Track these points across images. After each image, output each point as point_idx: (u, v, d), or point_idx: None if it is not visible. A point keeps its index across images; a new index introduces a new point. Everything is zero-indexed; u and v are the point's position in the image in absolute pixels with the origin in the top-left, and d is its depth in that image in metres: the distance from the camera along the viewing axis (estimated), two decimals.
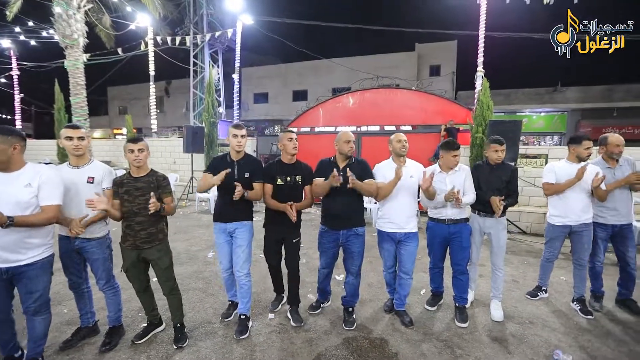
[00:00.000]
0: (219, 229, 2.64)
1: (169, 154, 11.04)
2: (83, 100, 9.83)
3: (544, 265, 3.25)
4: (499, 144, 2.80)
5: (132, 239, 2.29)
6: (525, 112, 17.87)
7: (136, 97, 27.08)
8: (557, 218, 3.01)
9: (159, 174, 2.40)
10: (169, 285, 2.45)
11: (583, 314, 2.90)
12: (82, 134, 2.27)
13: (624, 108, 16.42)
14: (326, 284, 2.97)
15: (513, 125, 5.39)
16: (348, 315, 2.78)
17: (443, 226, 2.80)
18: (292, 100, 22.99)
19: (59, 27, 9.31)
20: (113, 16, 11.31)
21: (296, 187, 2.68)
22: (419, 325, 2.75)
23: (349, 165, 2.62)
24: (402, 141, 2.70)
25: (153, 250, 2.33)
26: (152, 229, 2.32)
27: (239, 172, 2.55)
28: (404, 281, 2.77)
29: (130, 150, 2.25)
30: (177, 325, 2.49)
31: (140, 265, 2.39)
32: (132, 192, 2.26)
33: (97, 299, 2.60)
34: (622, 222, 2.92)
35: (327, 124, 8.67)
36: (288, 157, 2.68)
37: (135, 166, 2.28)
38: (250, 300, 2.67)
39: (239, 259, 2.59)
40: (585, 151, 2.89)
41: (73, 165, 2.29)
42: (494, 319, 2.83)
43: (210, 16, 14.93)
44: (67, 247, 2.29)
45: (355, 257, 2.71)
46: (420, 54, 20.24)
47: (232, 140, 2.55)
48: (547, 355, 2.36)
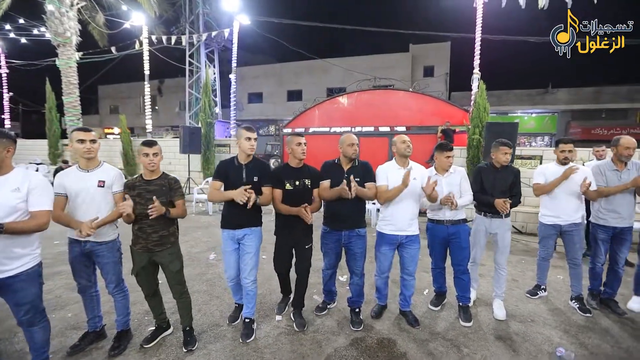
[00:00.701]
0: (227, 236, 2.58)
1: (164, 155, 10.90)
2: (76, 100, 9.69)
3: (541, 264, 3.32)
4: (508, 146, 2.87)
5: (143, 242, 2.28)
6: (517, 113, 18.21)
7: (128, 96, 26.73)
8: (547, 217, 3.10)
9: (171, 176, 2.39)
10: (179, 289, 2.44)
11: (582, 312, 2.98)
12: (94, 136, 2.25)
13: (612, 109, 16.86)
14: (331, 285, 3.00)
15: (509, 127, 5.51)
16: (355, 316, 2.81)
17: (442, 227, 2.86)
18: (287, 100, 22.98)
19: (51, 24, 9.15)
20: (107, 14, 11.15)
21: (306, 191, 2.65)
22: (424, 325, 2.80)
23: (352, 167, 2.66)
24: (407, 142, 2.72)
25: (164, 253, 2.32)
26: (164, 232, 2.31)
27: (247, 176, 2.51)
28: (408, 282, 2.81)
29: (145, 154, 2.24)
30: (186, 328, 2.48)
31: (150, 268, 2.38)
32: (144, 195, 2.25)
33: (103, 301, 2.58)
34: (623, 225, 2.96)
35: (323, 124, 8.71)
36: (296, 162, 2.66)
37: (149, 170, 2.27)
38: (255, 304, 2.66)
39: (247, 266, 2.55)
40: (561, 154, 2.97)
41: (83, 169, 2.26)
42: (497, 318, 2.89)
43: (206, 16, 14.81)
44: (77, 251, 2.26)
45: (358, 258, 2.73)
46: (414, 55, 20.44)
47: (245, 144, 2.50)
48: (550, 353, 2.42)
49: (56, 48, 9.47)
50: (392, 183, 2.67)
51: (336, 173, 2.65)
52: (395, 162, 2.77)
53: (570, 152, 2.96)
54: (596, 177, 3.00)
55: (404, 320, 2.83)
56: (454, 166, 2.88)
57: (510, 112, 18.11)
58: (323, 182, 2.67)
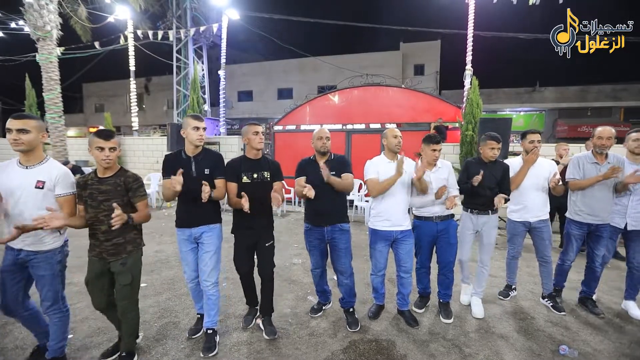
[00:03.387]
0: (183, 236, 2.34)
1: (152, 153, 10.61)
2: (57, 96, 9.28)
3: (510, 263, 3.17)
4: (496, 141, 2.75)
5: (97, 249, 2.00)
6: (506, 111, 18.42)
7: (114, 94, 26.01)
8: (516, 214, 2.97)
9: (130, 173, 2.05)
10: (125, 305, 2.09)
11: (555, 310, 2.89)
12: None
13: (597, 108, 17.22)
14: (323, 284, 2.87)
15: (503, 123, 5.48)
16: (350, 317, 2.70)
17: (431, 224, 2.74)
18: (277, 98, 22.74)
19: (30, 17, 8.74)
20: (89, 8, 10.72)
21: (264, 185, 2.44)
22: (423, 325, 2.71)
23: (327, 161, 2.55)
24: (399, 137, 2.61)
25: (117, 263, 2.02)
26: (119, 239, 2.00)
27: (197, 169, 2.28)
28: (405, 280, 2.70)
29: (99, 148, 1.90)
30: (122, 354, 2.13)
31: (104, 278, 2.06)
32: (95, 196, 1.93)
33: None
34: (598, 222, 2.83)
35: (314, 122, 8.57)
36: (254, 152, 2.46)
37: (103, 166, 1.96)
38: (218, 312, 2.43)
39: (206, 266, 2.31)
40: (530, 144, 2.86)
41: (22, 164, 1.90)
42: (475, 317, 2.81)
43: (194, 10, 14.45)
44: (9, 260, 1.92)
45: (343, 255, 2.61)
46: (405, 53, 20.48)
47: (192, 134, 2.24)
48: (553, 350, 2.36)
49: (36, 42, 9.03)
50: (383, 176, 2.58)
51: (311, 169, 2.55)
52: (385, 155, 2.67)
53: (539, 142, 2.86)
54: (573, 169, 2.89)
55: (402, 321, 2.74)
56: (441, 160, 2.76)
57: (499, 110, 18.31)
58: (298, 179, 2.54)
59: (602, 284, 3.20)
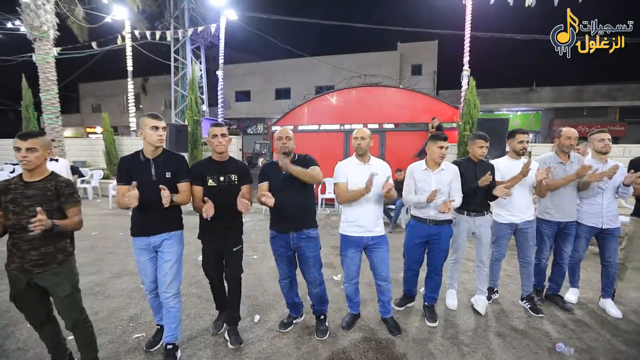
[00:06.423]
0: (140, 245, 2.16)
1: None
2: (54, 97, 9.26)
3: (493, 265, 3.12)
4: (484, 140, 2.77)
5: (19, 261, 1.79)
6: (503, 111, 18.53)
7: (110, 95, 25.94)
8: (502, 217, 2.93)
9: (62, 178, 1.90)
10: (72, 317, 1.93)
11: (533, 312, 2.88)
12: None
13: (593, 107, 17.36)
14: (293, 296, 2.67)
15: (500, 123, 5.53)
16: (320, 324, 2.58)
17: (424, 226, 2.68)
18: (275, 98, 22.76)
19: (27, 17, 8.71)
20: (87, 8, 10.69)
21: (231, 188, 2.29)
22: (422, 324, 2.74)
23: (291, 162, 2.38)
24: (359, 138, 2.48)
25: (48, 274, 1.82)
26: (48, 248, 1.82)
27: (157, 172, 2.12)
28: (384, 287, 2.59)
29: (17, 149, 1.75)
30: None
31: (34, 293, 1.87)
32: (20, 201, 1.76)
33: None
34: (567, 220, 2.89)
35: (312, 122, 8.59)
36: (218, 155, 2.32)
37: (26, 169, 1.80)
38: (179, 324, 2.26)
39: (166, 276, 2.15)
40: (519, 145, 2.83)
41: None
42: (479, 312, 2.87)
43: (192, 10, 14.44)
44: None
45: (311, 264, 2.45)
46: (402, 54, 20.56)
47: (151, 134, 2.08)
48: (550, 348, 2.40)
49: (32, 43, 9.02)
50: (352, 180, 2.48)
51: (273, 172, 2.41)
52: (355, 157, 2.58)
53: (528, 143, 2.85)
54: None
55: (401, 321, 2.74)
56: (446, 162, 2.68)
57: (496, 110, 18.42)
58: (261, 185, 2.38)
59: (596, 282, 3.24)
